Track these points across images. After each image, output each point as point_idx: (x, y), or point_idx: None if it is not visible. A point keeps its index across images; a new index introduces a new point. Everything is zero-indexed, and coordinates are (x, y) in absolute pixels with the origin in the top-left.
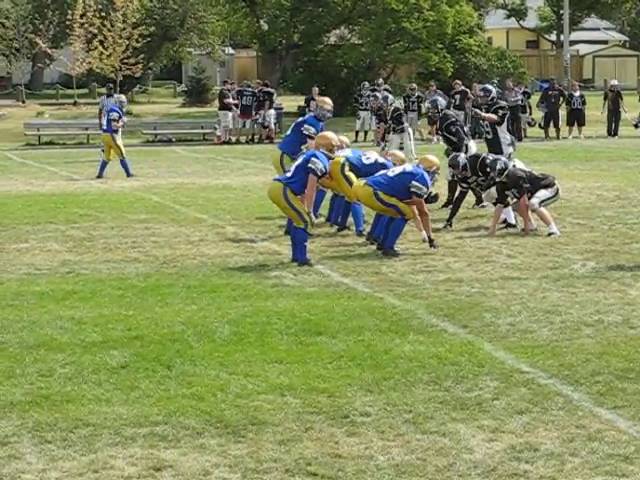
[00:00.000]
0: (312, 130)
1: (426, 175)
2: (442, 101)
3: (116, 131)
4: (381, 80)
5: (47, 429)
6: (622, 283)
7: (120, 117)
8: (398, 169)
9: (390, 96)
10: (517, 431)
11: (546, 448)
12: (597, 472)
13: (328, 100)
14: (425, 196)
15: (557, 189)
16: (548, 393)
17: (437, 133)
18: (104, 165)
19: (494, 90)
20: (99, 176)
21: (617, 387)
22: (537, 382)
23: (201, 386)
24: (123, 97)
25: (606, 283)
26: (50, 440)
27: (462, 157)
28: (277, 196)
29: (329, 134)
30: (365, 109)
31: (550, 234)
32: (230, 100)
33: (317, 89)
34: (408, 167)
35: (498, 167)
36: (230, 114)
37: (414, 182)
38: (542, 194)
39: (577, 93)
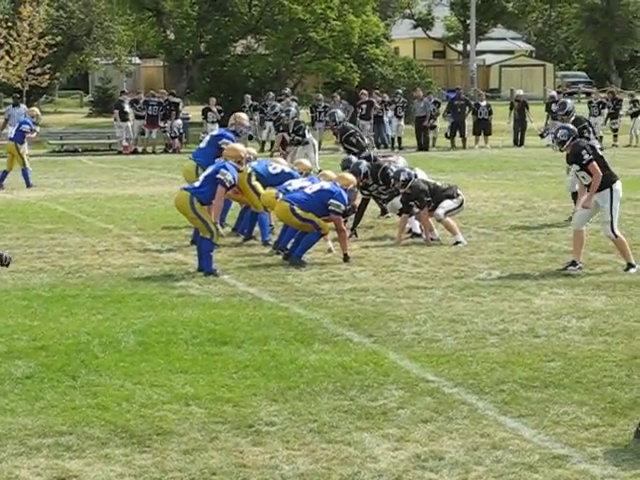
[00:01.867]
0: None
1: (344, 193)
2: (340, 113)
3: (22, 141)
4: (288, 90)
5: None
6: (527, 292)
7: (32, 129)
8: (316, 186)
9: (292, 109)
10: (422, 440)
11: (451, 457)
12: None
13: (245, 116)
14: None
15: (462, 199)
16: (453, 402)
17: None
18: (5, 175)
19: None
20: None
21: (522, 396)
22: (442, 391)
23: (106, 396)
24: (37, 110)
25: (511, 292)
26: None
27: (364, 165)
28: (184, 205)
29: (238, 146)
30: (270, 119)
31: (457, 243)
32: (127, 110)
33: (215, 100)
34: (326, 184)
35: (402, 178)
36: (126, 124)
37: (332, 200)
38: (447, 204)
39: (484, 103)
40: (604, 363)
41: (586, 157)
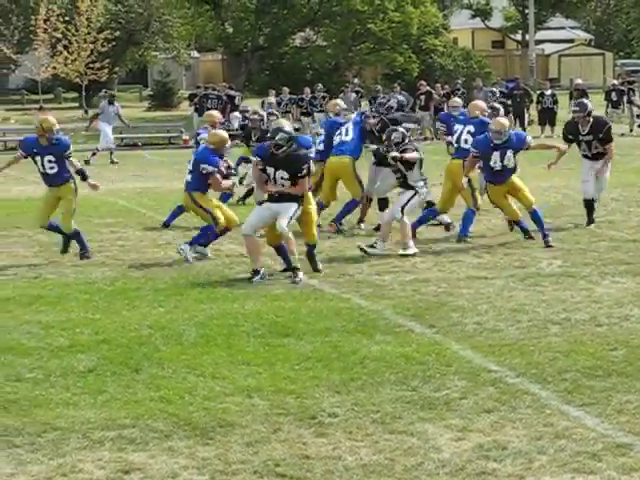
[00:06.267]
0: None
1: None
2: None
3: None
4: (356, 80)
5: (15, 433)
6: (589, 281)
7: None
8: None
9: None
10: (485, 430)
11: (514, 446)
12: (565, 470)
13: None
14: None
15: (424, 193)
16: (516, 392)
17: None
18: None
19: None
20: None
21: (584, 385)
22: (504, 381)
23: (169, 389)
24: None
25: (573, 281)
26: (18, 444)
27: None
28: None
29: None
30: (321, 111)
31: (404, 253)
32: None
33: (274, 92)
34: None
35: (390, 104)
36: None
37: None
38: (411, 204)
39: (548, 92)
40: None
41: None
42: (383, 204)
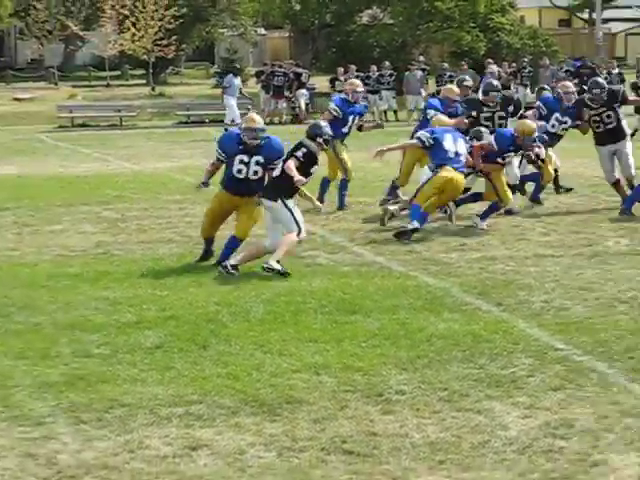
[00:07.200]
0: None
1: None
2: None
3: None
4: (421, 57)
5: (82, 409)
6: None
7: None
8: None
9: None
10: (552, 408)
11: (581, 424)
12: (631, 448)
13: (357, 82)
14: None
15: None
16: (583, 370)
17: None
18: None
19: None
20: None
21: None
22: (571, 359)
23: (236, 365)
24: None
25: None
26: (85, 420)
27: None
28: None
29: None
30: (387, 88)
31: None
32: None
33: (342, 69)
34: None
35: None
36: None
37: None
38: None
39: (615, 71)
40: None
41: None
42: None
